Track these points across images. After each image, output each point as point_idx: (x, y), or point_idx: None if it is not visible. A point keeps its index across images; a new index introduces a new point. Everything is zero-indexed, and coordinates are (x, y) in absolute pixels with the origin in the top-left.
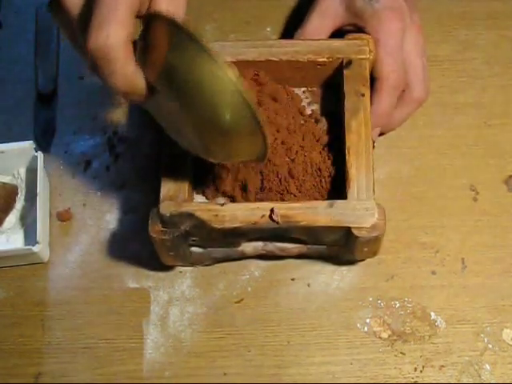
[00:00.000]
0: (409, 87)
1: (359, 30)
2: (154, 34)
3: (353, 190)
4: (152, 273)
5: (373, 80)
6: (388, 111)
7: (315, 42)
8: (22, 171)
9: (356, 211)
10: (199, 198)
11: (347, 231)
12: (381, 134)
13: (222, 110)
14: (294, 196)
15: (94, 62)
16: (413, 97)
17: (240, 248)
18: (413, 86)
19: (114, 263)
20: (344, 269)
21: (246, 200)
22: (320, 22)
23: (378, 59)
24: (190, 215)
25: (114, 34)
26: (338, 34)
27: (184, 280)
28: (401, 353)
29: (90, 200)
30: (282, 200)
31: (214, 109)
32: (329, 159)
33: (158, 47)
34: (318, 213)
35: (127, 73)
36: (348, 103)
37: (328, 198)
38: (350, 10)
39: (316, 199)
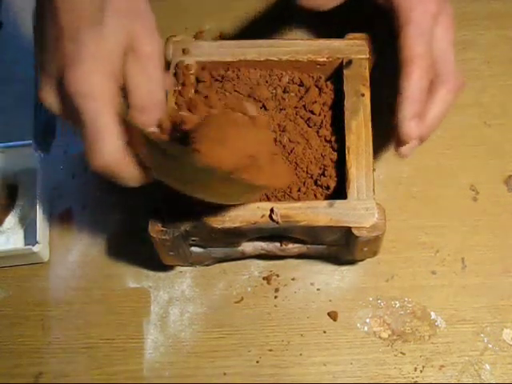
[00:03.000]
0: (440, 77)
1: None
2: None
3: (353, 189)
4: (152, 273)
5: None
6: (420, 97)
7: (315, 41)
8: (22, 171)
9: (356, 211)
10: None
11: (347, 231)
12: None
13: (213, 191)
14: (294, 197)
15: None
16: (447, 88)
17: (240, 248)
18: (445, 76)
19: (114, 263)
20: (344, 269)
21: None
22: None
23: (408, 40)
24: (190, 215)
25: (109, 151)
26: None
27: (184, 280)
28: (401, 353)
29: (89, 200)
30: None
31: (207, 191)
32: (329, 159)
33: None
34: (318, 213)
35: (135, 173)
36: (348, 103)
37: (328, 198)
38: None
39: (316, 199)
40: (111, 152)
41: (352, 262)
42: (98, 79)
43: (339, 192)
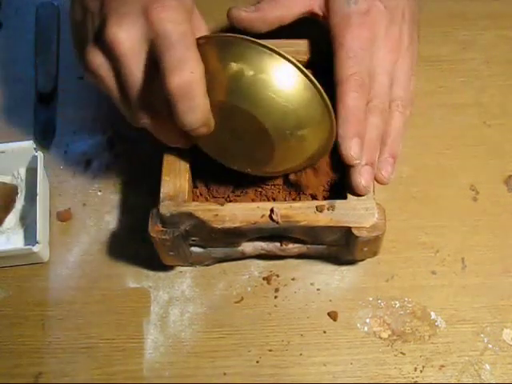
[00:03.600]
0: (372, 98)
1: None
2: (209, 55)
3: None
4: (152, 273)
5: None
6: (354, 117)
7: (315, 41)
8: (22, 171)
9: (356, 211)
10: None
11: (347, 231)
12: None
13: (306, 121)
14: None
15: (174, 102)
16: (379, 108)
17: (240, 248)
18: (376, 95)
19: (114, 263)
20: (344, 269)
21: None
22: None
23: (339, 62)
24: (190, 215)
25: (196, 70)
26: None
27: (184, 280)
28: (401, 353)
29: (89, 200)
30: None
31: (287, 104)
32: (329, 159)
33: (217, 66)
34: (318, 213)
35: (206, 106)
36: None
37: (328, 198)
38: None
39: (316, 199)
40: (198, 72)
41: (352, 262)
42: (182, 11)
43: (339, 192)
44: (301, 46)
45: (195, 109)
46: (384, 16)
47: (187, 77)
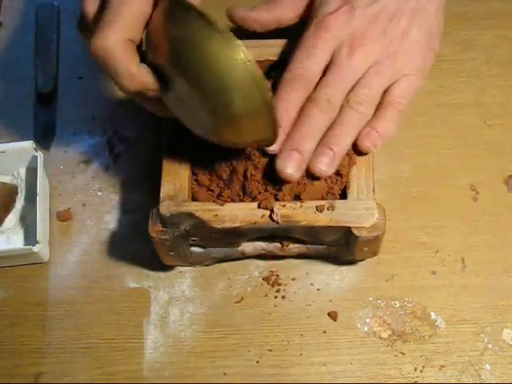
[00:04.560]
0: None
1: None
2: (158, 17)
3: (353, 189)
4: (152, 273)
5: None
6: (282, 107)
7: None
8: (22, 171)
9: (356, 211)
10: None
11: (347, 231)
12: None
13: (231, 86)
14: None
15: (100, 65)
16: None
17: (240, 248)
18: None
19: (114, 263)
20: (344, 269)
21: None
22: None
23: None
24: (190, 215)
25: (113, 34)
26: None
27: (184, 280)
28: (401, 353)
29: (89, 200)
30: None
31: (224, 86)
32: None
33: (164, 29)
34: (318, 213)
35: (131, 71)
36: None
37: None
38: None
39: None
40: (116, 37)
41: (352, 262)
42: None
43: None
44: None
45: (120, 75)
46: (353, 16)
47: (102, 41)
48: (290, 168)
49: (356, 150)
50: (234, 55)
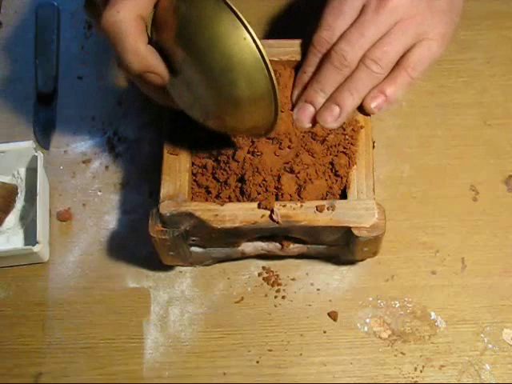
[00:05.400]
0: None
1: None
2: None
3: (353, 189)
4: (152, 273)
5: None
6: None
7: None
8: (22, 171)
9: (356, 211)
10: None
11: (347, 231)
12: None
13: (235, 66)
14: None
15: (109, 41)
16: (331, 63)
17: (240, 248)
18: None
19: (114, 263)
20: (344, 269)
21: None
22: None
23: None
24: (190, 215)
25: (125, 9)
26: None
27: (184, 280)
28: (401, 353)
29: (89, 200)
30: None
31: (228, 66)
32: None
33: (173, 6)
34: (318, 212)
35: (139, 49)
36: None
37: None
38: None
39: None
40: (127, 11)
41: (352, 262)
42: None
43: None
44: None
45: (127, 51)
46: None
47: (114, 15)
48: (296, 115)
49: (360, 109)
50: (240, 35)
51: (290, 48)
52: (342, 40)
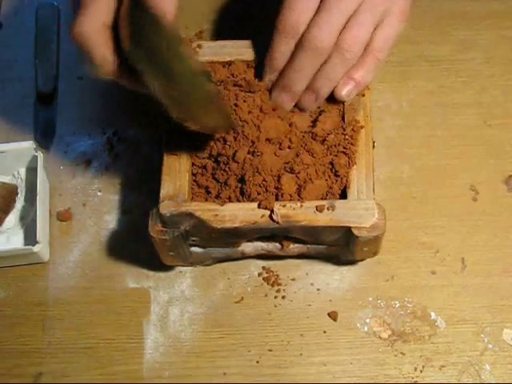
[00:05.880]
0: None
1: None
2: (124, 11)
3: (353, 189)
4: (152, 273)
5: None
6: (271, 53)
7: None
8: (22, 171)
9: (356, 211)
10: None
11: (347, 231)
12: None
13: (177, 79)
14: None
15: (79, 49)
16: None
17: (240, 248)
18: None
19: (114, 263)
20: (344, 269)
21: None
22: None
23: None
24: (190, 215)
25: (88, 21)
26: None
27: (184, 280)
28: (401, 353)
29: (89, 200)
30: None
31: (172, 78)
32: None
33: (127, 16)
34: (318, 212)
35: (106, 58)
36: (348, 103)
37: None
38: None
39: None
40: (93, 22)
41: (352, 262)
42: None
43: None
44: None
45: (97, 60)
46: None
47: (80, 28)
48: (286, 103)
49: (331, 96)
50: (176, 51)
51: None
52: (314, 27)
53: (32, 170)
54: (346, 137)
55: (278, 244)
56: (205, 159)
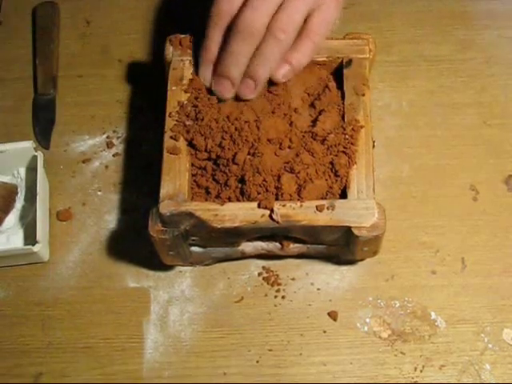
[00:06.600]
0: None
1: None
2: None
3: (353, 189)
4: (152, 273)
5: None
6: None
7: None
8: (22, 171)
9: (356, 211)
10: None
11: (347, 231)
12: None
13: None
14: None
15: None
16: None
17: (240, 248)
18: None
19: (114, 263)
20: (344, 269)
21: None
22: None
23: None
24: (190, 215)
25: None
26: None
27: (184, 280)
28: (401, 353)
29: (89, 200)
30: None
31: None
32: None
33: None
34: (318, 212)
35: None
36: (348, 102)
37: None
38: None
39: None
40: None
41: (352, 262)
42: None
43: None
44: None
45: None
46: None
47: None
48: (223, 91)
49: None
50: None
51: None
52: (247, 8)
53: (32, 170)
54: (346, 136)
55: (277, 244)
56: (204, 161)
